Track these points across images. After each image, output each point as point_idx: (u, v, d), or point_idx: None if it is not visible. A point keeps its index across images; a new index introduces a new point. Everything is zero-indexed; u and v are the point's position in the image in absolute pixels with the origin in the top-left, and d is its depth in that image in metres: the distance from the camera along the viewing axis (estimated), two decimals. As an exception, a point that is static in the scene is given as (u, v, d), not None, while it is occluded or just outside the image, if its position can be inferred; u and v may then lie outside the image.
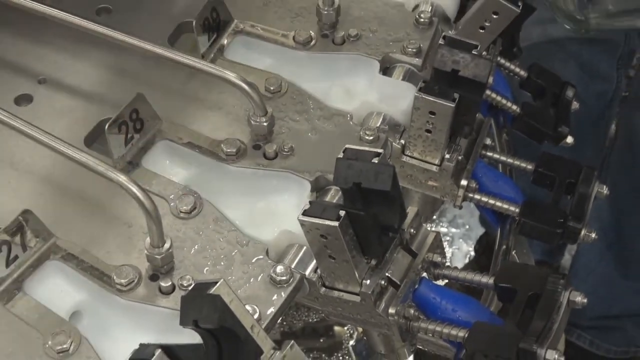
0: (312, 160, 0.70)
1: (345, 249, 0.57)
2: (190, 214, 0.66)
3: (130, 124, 0.69)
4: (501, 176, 0.73)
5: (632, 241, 1.39)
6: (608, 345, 1.51)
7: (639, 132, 1.30)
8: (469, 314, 0.62)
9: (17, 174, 0.69)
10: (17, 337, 0.59)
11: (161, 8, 0.83)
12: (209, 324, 0.50)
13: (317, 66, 0.78)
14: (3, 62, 0.78)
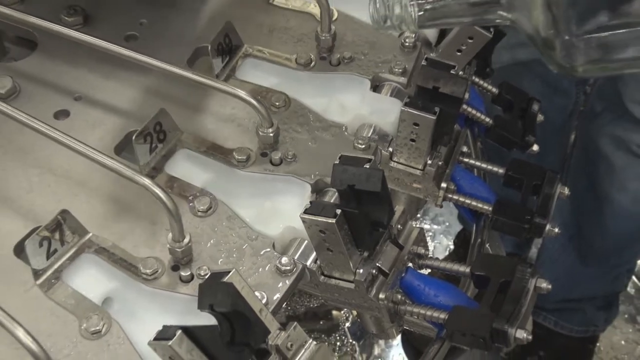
0: (312, 165, 0.70)
1: (341, 242, 0.57)
2: (206, 212, 0.66)
3: (154, 135, 0.69)
4: (476, 179, 0.73)
5: (590, 235, 1.40)
6: (570, 326, 1.51)
7: (594, 141, 1.30)
8: (449, 298, 0.62)
9: (56, 178, 0.69)
10: (57, 320, 0.59)
11: (181, 35, 0.83)
12: (223, 308, 0.50)
13: (316, 84, 0.78)
14: (44, 82, 0.78)
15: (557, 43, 0.52)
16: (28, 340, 0.52)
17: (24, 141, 0.71)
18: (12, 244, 0.64)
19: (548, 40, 0.53)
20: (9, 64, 0.80)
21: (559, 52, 0.53)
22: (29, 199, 0.67)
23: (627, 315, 1.72)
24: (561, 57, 0.53)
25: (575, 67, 0.53)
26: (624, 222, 1.34)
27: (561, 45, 0.52)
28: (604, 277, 1.45)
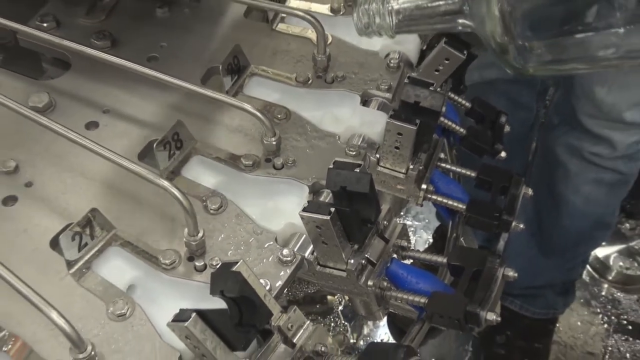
0: (310, 170, 0.70)
1: (335, 236, 0.57)
2: (217, 211, 0.66)
3: (173, 143, 0.69)
4: (452, 181, 0.73)
5: (549, 231, 1.40)
6: (533, 309, 1.51)
7: (551, 149, 1.31)
8: (428, 285, 0.62)
9: (87, 181, 0.69)
10: (87, 304, 0.59)
11: (196, 56, 0.83)
12: (232, 294, 0.50)
13: (313, 99, 0.77)
14: (77, 97, 0.78)
15: (511, 48, 0.53)
16: (61, 321, 0.52)
17: (60, 149, 0.71)
18: (49, 239, 0.63)
19: (502, 45, 0.53)
20: (46, 81, 0.80)
21: (512, 56, 0.53)
22: (64, 199, 0.67)
23: (582, 299, 1.72)
24: (514, 60, 0.53)
25: (527, 68, 0.54)
26: (578, 220, 1.34)
27: (514, 50, 0.53)
28: (562, 267, 1.46)
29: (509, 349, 1.54)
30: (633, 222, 1.81)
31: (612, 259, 1.76)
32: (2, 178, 0.69)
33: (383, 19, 0.59)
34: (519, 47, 0.53)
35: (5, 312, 0.57)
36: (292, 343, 0.54)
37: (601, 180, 1.28)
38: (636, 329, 1.67)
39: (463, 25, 0.56)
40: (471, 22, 0.55)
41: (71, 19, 0.87)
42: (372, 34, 0.60)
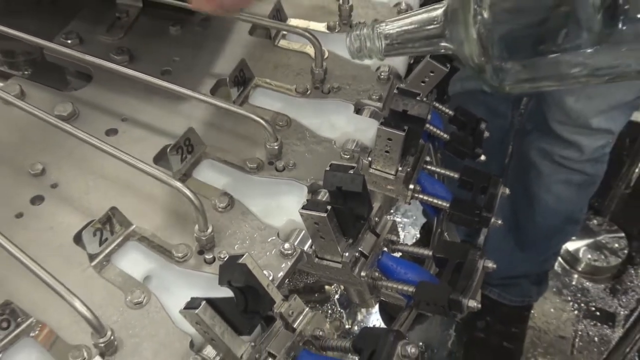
0: (308, 172, 0.69)
1: (331, 232, 0.57)
2: (225, 209, 0.66)
3: (184, 148, 0.69)
4: (436, 182, 0.72)
5: (524, 227, 1.40)
6: (510, 297, 1.52)
7: (525, 153, 1.31)
8: (416, 275, 0.61)
9: (107, 182, 0.69)
10: (107, 294, 0.59)
11: (205, 69, 0.83)
12: (239, 284, 0.50)
13: (311, 108, 0.77)
14: (98, 106, 0.78)
15: (487, 68, 0.53)
16: (84, 309, 0.52)
17: (82, 153, 0.70)
18: (72, 234, 0.63)
19: (480, 66, 0.53)
20: (70, 92, 0.80)
21: (489, 75, 0.53)
22: (86, 199, 0.67)
23: (555, 288, 1.73)
24: (491, 78, 0.53)
25: (503, 86, 0.54)
26: (550, 217, 1.35)
27: (490, 69, 0.53)
28: (536, 259, 1.46)
29: (488, 333, 1.54)
30: (600, 218, 1.81)
31: (582, 251, 1.76)
32: (30, 180, 0.69)
33: (373, 43, 0.59)
34: (495, 67, 0.53)
35: (32, 301, 0.57)
36: (293, 328, 0.54)
37: (570, 181, 1.28)
38: (603, 315, 1.67)
39: (445, 47, 0.56)
40: (452, 45, 0.55)
41: (93, 36, 0.87)
42: (364, 57, 0.61)
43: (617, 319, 1.66)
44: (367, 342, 0.51)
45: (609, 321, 1.66)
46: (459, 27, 0.53)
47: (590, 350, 1.60)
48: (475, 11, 0.51)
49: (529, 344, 1.59)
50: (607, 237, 1.79)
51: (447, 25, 0.55)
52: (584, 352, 1.60)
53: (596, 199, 1.76)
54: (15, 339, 0.54)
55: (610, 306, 1.70)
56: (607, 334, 1.62)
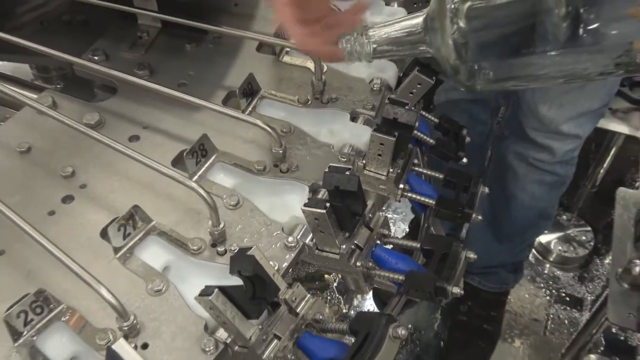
0: (309, 173, 0.69)
1: (330, 226, 0.57)
2: (235, 206, 0.65)
3: (199, 152, 0.69)
4: (423, 182, 0.72)
5: (501, 222, 1.39)
6: (489, 284, 1.51)
7: (503, 156, 1.30)
8: (406, 265, 0.61)
9: (130, 183, 0.68)
10: (130, 283, 0.59)
11: (217, 82, 0.82)
12: (247, 273, 0.50)
13: (312, 117, 0.77)
14: (122, 116, 0.77)
15: (462, 69, 0.53)
16: (109, 296, 0.52)
17: (108, 157, 0.70)
18: (99, 229, 0.63)
19: (455, 67, 0.53)
20: (97, 103, 0.80)
21: (463, 76, 0.53)
22: (111, 198, 0.67)
23: (529, 276, 1.72)
24: (464, 79, 0.53)
25: (475, 86, 0.54)
26: (525, 212, 1.34)
27: (465, 71, 0.53)
28: (512, 250, 1.45)
29: (470, 316, 1.54)
30: (569, 214, 1.81)
31: (553, 244, 1.75)
32: (61, 181, 0.69)
33: (362, 47, 0.59)
34: (468, 69, 0.53)
35: (64, 289, 0.57)
36: (296, 312, 0.53)
37: (543, 181, 1.28)
38: (572, 300, 1.67)
39: (425, 51, 0.57)
40: (431, 49, 0.56)
41: (117, 53, 0.87)
42: (354, 59, 0.60)
43: (585, 304, 1.65)
44: (362, 324, 0.50)
45: (577, 306, 1.66)
46: (436, 34, 0.53)
47: (561, 331, 1.60)
48: (451, 20, 0.51)
49: (506, 326, 1.58)
50: (576, 231, 1.78)
51: (426, 32, 0.55)
52: (556, 334, 1.59)
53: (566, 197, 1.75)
54: (48, 323, 0.54)
55: (578, 292, 1.69)
56: (576, 317, 1.62)
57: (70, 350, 0.53)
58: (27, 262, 0.60)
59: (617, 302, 0.80)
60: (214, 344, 0.53)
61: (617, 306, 0.80)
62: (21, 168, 0.70)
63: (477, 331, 1.52)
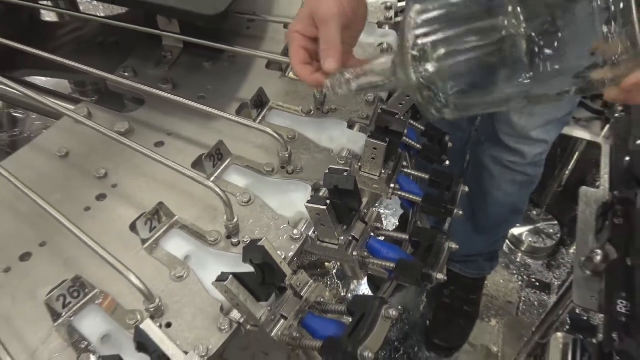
0: (312, 174, 0.69)
1: (330, 220, 0.56)
2: (247, 203, 0.65)
3: (216, 156, 0.68)
4: (411, 182, 0.72)
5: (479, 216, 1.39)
6: (469, 271, 1.51)
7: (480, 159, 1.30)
8: (396, 255, 0.61)
9: (156, 183, 0.68)
10: (156, 270, 0.58)
11: (232, 95, 0.82)
12: (258, 261, 0.49)
13: (314, 125, 0.77)
14: (149, 124, 0.77)
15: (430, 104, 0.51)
16: (137, 282, 0.51)
17: (137, 161, 0.70)
18: (128, 223, 0.63)
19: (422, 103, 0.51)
20: (127, 114, 0.79)
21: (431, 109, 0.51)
22: (139, 196, 0.67)
23: (503, 264, 1.72)
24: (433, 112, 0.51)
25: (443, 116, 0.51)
26: (499, 208, 1.34)
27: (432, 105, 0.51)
28: (488, 241, 1.45)
29: (452, 299, 1.53)
30: (538, 210, 1.80)
31: (524, 235, 1.75)
32: (96, 181, 0.68)
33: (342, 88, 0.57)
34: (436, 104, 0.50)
35: (98, 276, 0.57)
36: (300, 296, 0.53)
37: (515, 181, 1.27)
38: (542, 285, 1.66)
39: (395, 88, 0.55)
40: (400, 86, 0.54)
41: (144, 70, 0.87)
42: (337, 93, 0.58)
43: (552, 288, 1.65)
44: (358, 306, 0.50)
45: (545, 290, 1.65)
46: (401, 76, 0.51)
47: (531, 312, 1.59)
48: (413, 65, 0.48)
49: (484, 308, 1.58)
50: (544, 225, 1.78)
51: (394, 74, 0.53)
52: (527, 314, 1.59)
53: (535, 194, 1.75)
54: (84, 306, 0.54)
55: (547, 278, 1.69)
56: (545, 300, 1.61)
57: (103, 329, 0.53)
58: (66, 252, 0.60)
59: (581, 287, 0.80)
60: (228, 323, 0.52)
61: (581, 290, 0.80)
62: (61, 170, 0.70)
63: (458, 312, 1.52)
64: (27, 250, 0.59)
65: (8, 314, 0.54)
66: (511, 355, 1.46)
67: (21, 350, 0.51)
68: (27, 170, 0.68)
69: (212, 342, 0.51)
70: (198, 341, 0.51)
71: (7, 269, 0.58)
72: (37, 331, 0.53)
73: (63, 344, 0.52)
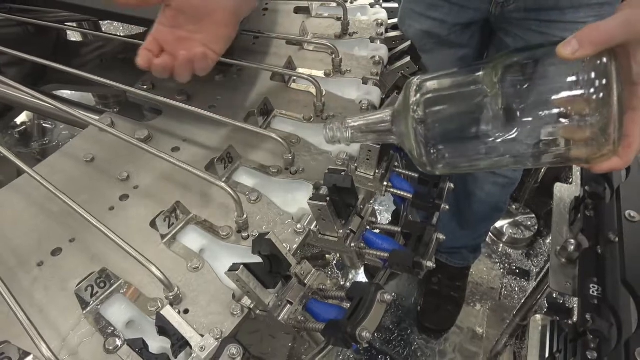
0: (313, 174, 0.69)
1: (330, 215, 0.57)
2: (255, 201, 0.65)
3: (226, 159, 0.68)
4: (403, 180, 0.72)
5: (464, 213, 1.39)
6: (455, 261, 1.51)
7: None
8: (389, 245, 0.61)
9: (173, 184, 0.68)
10: (173, 262, 0.58)
11: (240, 104, 0.82)
12: (266, 252, 0.50)
13: (315, 130, 0.77)
14: (166, 132, 0.77)
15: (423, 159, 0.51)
16: (158, 272, 0.52)
17: (156, 165, 0.70)
18: (149, 220, 0.63)
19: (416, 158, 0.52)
20: (146, 122, 0.80)
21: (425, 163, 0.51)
22: (159, 196, 0.67)
23: (486, 254, 1.72)
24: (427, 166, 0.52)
25: (435, 171, 0.52)
26: (482, 206, 1.34)
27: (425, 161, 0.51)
28: (472, 235, 1.45)
29: (440, 286, 1.54)
30: (517, 204, 1.81)
31: (505, 228, 1.76)
32: (119, 183, 0.68)
33: (342, 134, 0.58)
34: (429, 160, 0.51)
35: (122, 268, 0.57)
36: (304, 283, 0.53)
37: (497, 182, 1.27)
38: (521, 272, 1.66)
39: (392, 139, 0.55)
40: (397, 139, 0.54)
41: (161, 82, 0.86)
42: (336, 142, 0.59)
43: (531, 275, 1.65)
44: (356, 291, 0.51)
45: (525, 276, 1.65)
46: (402, 128, 0.51)
47: (512, 297, 1.60)
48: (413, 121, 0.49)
49: (469, 293, 1.58)
50: (523, 218, 1.78)
51: (393, 126, 0.53)
52: (508, 299, 1.59)
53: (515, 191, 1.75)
54: (110, 295, 0.54)
55: (526, 266, 1.69)
56: (524, 286, 1.62)
57: (127, 316, 0.54)
58: (93, 247, 0.60)
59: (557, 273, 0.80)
60: (240, 309, 0.53)
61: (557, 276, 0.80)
62: (87, 174, 0.70)
63: (446, 298, 1.52)
64: (58, 246, 0.60)
65: (42, 304, 0.54)
66: (495, 337, 1.47)
67: (54, 337, 0.51)
68: (57, 174, 0.69)
69: (226, 326, 0.51)
70: (213, 325, 0.51)
71: (40, 262, 0.58)
72: (68, 319, 0.53)
73: (91, 330, 0.52)
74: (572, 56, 0.40)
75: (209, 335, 0.49)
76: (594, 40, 0.40)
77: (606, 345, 0.61)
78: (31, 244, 0.60)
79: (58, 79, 1.04)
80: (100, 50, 1.12)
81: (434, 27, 1.03)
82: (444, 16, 1.01)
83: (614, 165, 0.44)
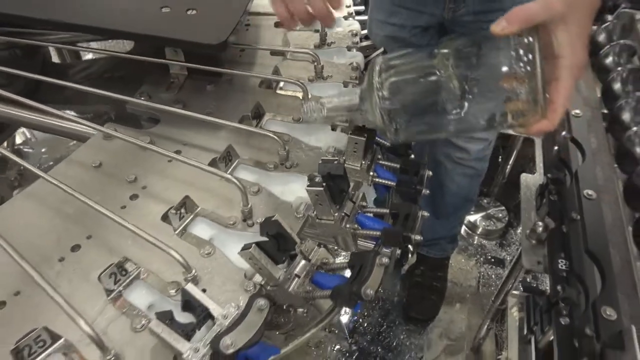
0: (306, 168, 0.73)
1: (326, 199, 0.60)
2: (257, 193, 0.69)
3: (227, 158, 0.73)
4: (386, 170, 0.76)
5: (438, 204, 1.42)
6: (434, 252, 1.55)
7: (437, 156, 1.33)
8: (380, 225, 0.64)
9: (179, 183, 0.72)
10: (187, 250, 0.62)
11: (234, 109, 0.85)
12: (273, 233, 0.54)
13: (304, 129, 0.81)
14: (166, 137, 0.80)
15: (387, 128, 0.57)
16: (178, 255, 0.56)
17: (161, 166, 0.74)
18: (159, 216, 0.67)
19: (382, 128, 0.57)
20: (147, 129, 0.83)
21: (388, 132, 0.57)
22: (166, 193, 0.70)
23: (463, 246, 1.77)
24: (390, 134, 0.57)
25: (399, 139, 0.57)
26: (454, 198, 1.38)
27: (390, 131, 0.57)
28: (448, 226, 1.49)
29: (423, 277, 1.57)
30: (488, 198, 1.87)
31: (478, 221, 1.82)
32: (128, 185, 0.72)
33: (318, 113, 0.62)
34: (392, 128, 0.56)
35: (141, 257, 0.60)
36: (309, 259, 0.57)
37: (465, 174, 1.32)
38: (496, 261, 1.72)
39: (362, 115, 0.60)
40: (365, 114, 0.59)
41: (157, 93, 0.90)
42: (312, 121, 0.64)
43: (505, 263, 1.71)
44: (357, 260, 0.55)
45: (500, 265, 1.71)
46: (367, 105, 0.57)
47: (490, 284, 1.65)
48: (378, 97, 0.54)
49: (450, 284, 1.63)
50: (494, 210, 1.85)
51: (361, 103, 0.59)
52: (486, 286, 1.64)
53: (485, 186, 1.82)
54: (131, 282, 0.58)
55: (500, 255, 1.75)
56: (500, 273, 1.67)
57: (149, 299, 0.57)
58: (109, 242, 0.63)
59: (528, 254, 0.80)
60: (252, 285, 0.57)
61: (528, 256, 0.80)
62: (97, 178, 0.73)
63: (430, 288, 1.56)
64: (76, 243, 0.63)
65: (68, 294, 0.56)
66: (476, 324, 1.51)
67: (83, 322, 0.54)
68: (69, 180, 0.70)
69: (241, 300, 0.56)
70: (229, 301, 0.55)
71: (61, 258, 0.61)
72: (94, 305, 0.56)
73: (117, 313, 0.55)
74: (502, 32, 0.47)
75: (229, 305, 0.53)
76: (520, 19, 0.47)
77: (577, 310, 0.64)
78: (51, 242, 0.63)
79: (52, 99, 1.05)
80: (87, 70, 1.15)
81: (395, 31, 1.11)
82: (403, 21, 1.08)
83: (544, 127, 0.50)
